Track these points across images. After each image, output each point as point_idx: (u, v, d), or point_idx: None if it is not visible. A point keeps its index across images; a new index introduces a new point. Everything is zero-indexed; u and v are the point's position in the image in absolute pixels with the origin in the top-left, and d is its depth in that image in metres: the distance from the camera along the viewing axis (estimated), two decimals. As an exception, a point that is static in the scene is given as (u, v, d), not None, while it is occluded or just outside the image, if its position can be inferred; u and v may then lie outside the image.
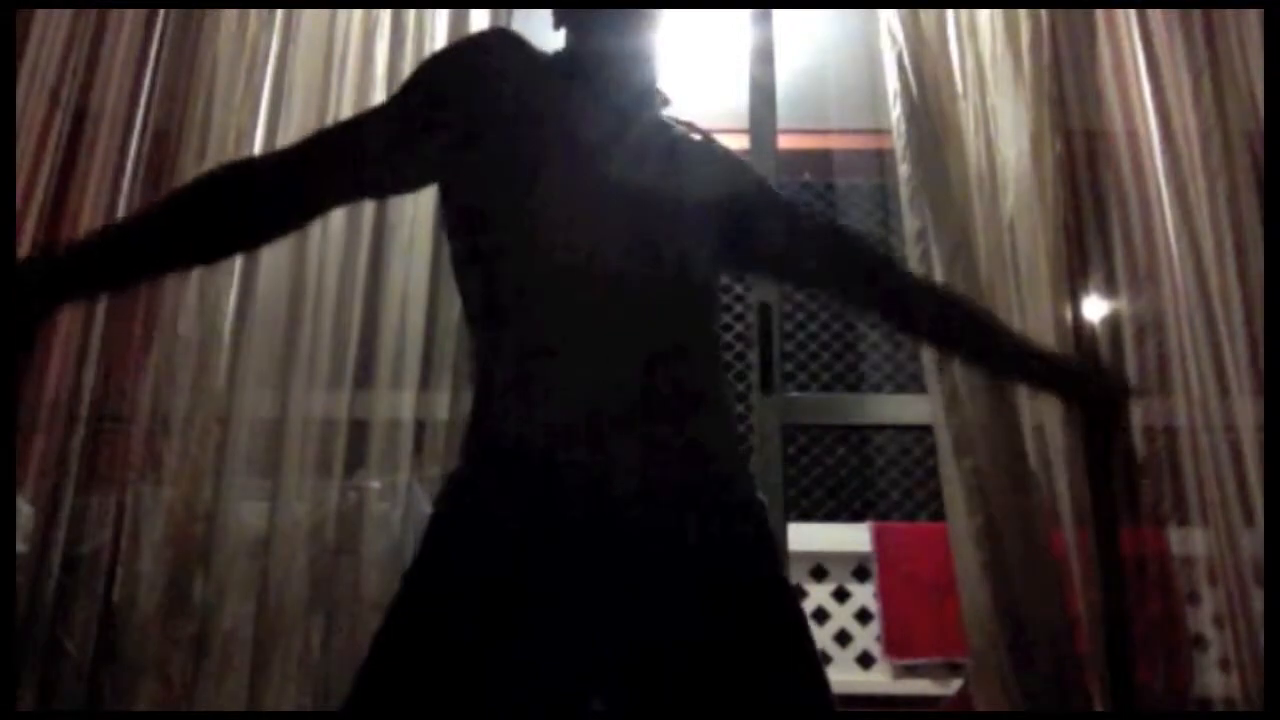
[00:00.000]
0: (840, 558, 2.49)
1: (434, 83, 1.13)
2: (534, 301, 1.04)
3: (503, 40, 1.15)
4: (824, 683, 1.02)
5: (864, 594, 2.45)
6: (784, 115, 2.26)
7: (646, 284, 1.06)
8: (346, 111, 2.10)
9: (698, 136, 1.24)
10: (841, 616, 2.44)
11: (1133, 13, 2.17)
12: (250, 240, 1.19)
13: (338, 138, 1.13)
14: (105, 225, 1.80)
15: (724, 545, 1.03)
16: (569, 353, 1.02)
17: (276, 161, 1.13)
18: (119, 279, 1.09)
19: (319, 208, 1.16)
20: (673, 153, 1.16)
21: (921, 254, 2.04)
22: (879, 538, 2.41)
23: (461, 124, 1.08)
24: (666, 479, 1.02)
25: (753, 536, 1.07)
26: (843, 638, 2.43)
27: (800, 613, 1.07)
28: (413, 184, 1.25)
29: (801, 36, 2.51)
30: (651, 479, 1.01)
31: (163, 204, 1.07)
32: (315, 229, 2.03)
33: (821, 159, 2.93)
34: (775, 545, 1.11)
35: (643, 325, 1.04)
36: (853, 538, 2.47)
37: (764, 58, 2.32)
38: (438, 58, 1.16)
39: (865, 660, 2.41)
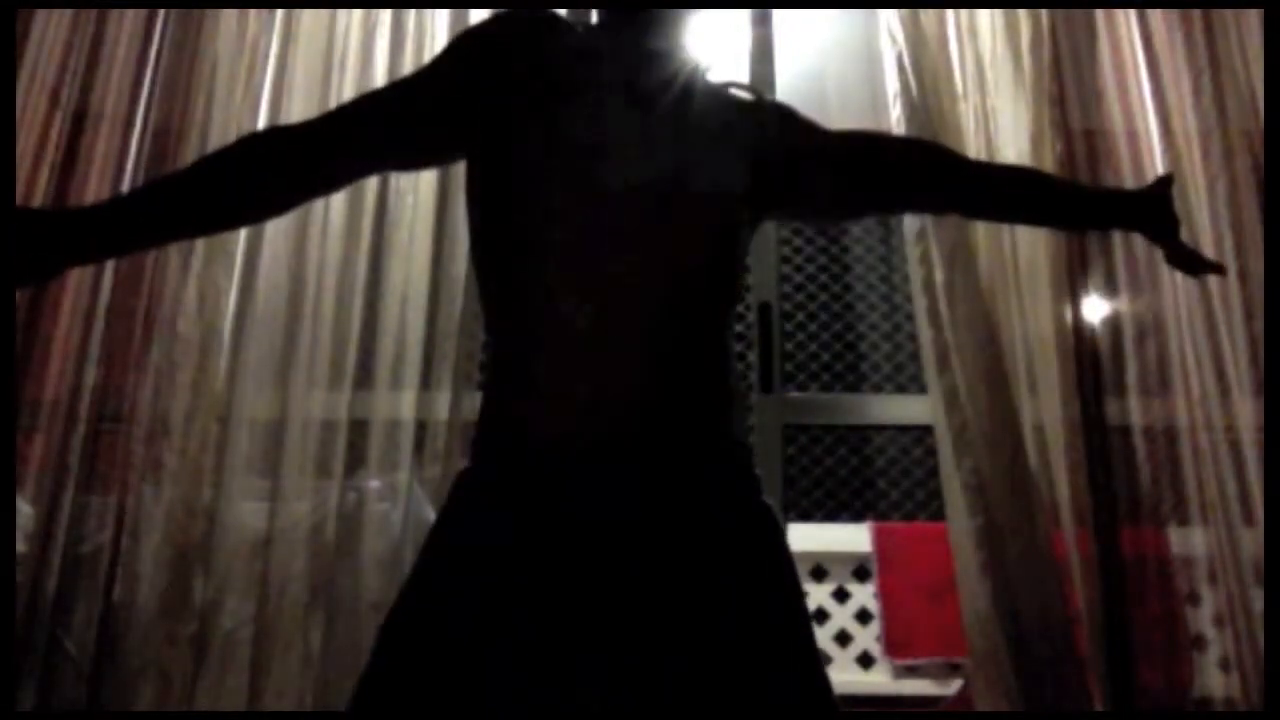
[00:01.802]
0: (840, 558, 2.48)
1: (465, 55, 1.13)
2: (546, 287, 1.04)
3: (535, 20, 1.14)
4: (825, 684, 1.02)
5: (864, 594, 2.44)
6: (784, 115, 2.25)
7: (660, 274, 1.05)
8: (346, 111, 2.10)
9: (740, 95, 1.22)
10: (841, 617, 2.44)
11: (1133, 13, 2.17)
12: (263, 212, 1.28)
13: (363, 107, 1.13)
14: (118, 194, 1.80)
15: (723, 542, 1.03)
16: (578, 338, 1.02)
17: (297, 133, 1.12)
18: (131, 240, 1.09)
19: (338, 178, 1.18)
20: (698, 132, 1.14)
21: (921, 254, 2.04)
22: (879, 538, 2.40)
23: (488, 99, 1.08)
24: (670, 476, 1.01)
25: (753, 533, 1.07)
26: (843, 638, 2.42)
27: (803, 612, 1.07)
28: (434, 154, 1.25)
29: (801, 37, 2.51)
30: (655, 478, 1.01)
31: (183, 173, 1.06)
32: (315, 229, 2.03)
33: (821, 159, 2.92)
34: (780, 542, 1.10)
35: (656, 316, 1.04)
36: (853, 538, 2.47)
37: (764, 58, 2.32)
38: (471, 31, 1.16)
39: (865, 660, 2.40)
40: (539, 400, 1.02)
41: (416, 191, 2.07)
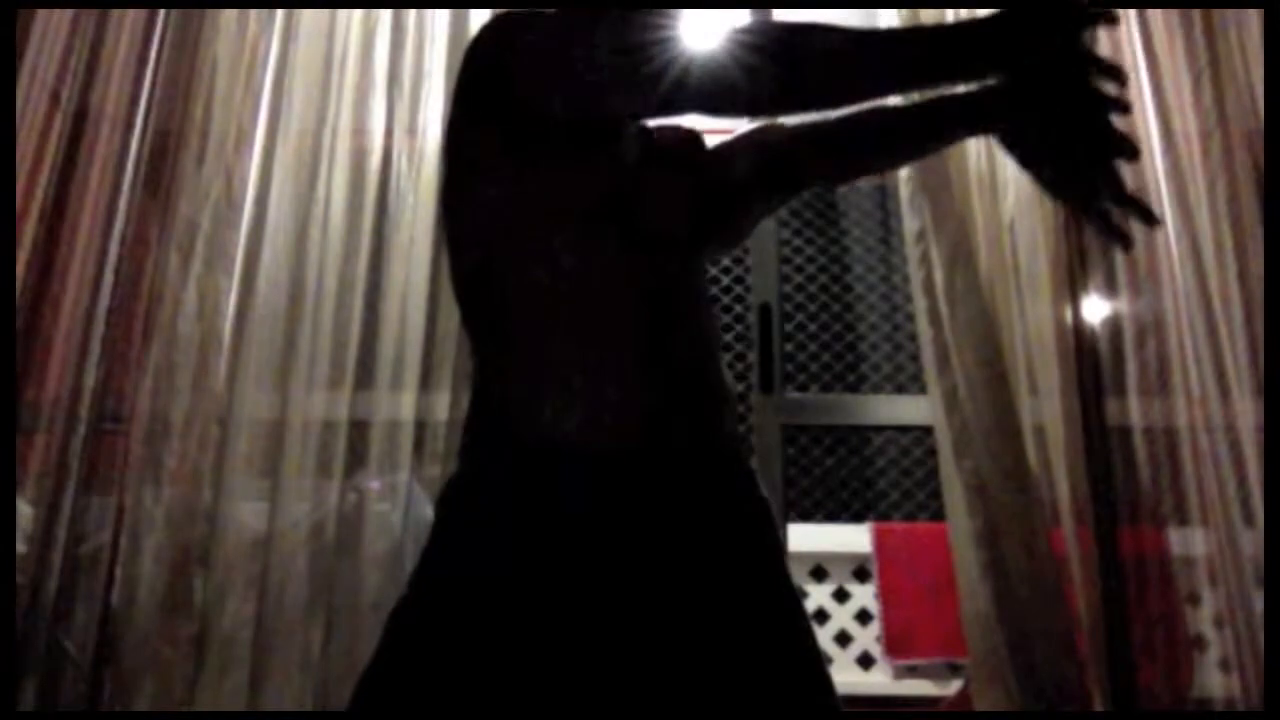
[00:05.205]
0: (840, 558, 2.49)
1: None
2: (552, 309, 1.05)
3: None
4: (828, 687, 1.02)
5: (864, 594, 2.45)
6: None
7: (651, 288, 1.06)
8: (346, 112, 2.10)
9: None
10: (841, 617, 2.44)
11: (1133, 13, 2.17)
12: None
13: None
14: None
15: (723, 546, 1.03)
16: (578, 354, 1.03)
17: None
18: None
19: None
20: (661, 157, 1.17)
21: (921, 254, 2.04)
22: (879, 538, 2.41)
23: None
24: (667, 478, 1.02)
25: (754, 544, 1.07)
26: (843, 638, 2.43)
27: (800, 612, 1.07)
28: None
29: (801, 37, 2.50)
30: (653, 480, 1.01)
31: None
32: (315, 229, 2.03)
33: (821, 159, 2.91)
34: (777, 544, 1.11)
35: (650, 319, 1.05)
36: (853, 538, 2.47)
37: (764, 58, 2.31)
38: None
39: (865, 661, 2.40)
40: (539, 404, 1.02)
41: (416, 191, 2.07)
